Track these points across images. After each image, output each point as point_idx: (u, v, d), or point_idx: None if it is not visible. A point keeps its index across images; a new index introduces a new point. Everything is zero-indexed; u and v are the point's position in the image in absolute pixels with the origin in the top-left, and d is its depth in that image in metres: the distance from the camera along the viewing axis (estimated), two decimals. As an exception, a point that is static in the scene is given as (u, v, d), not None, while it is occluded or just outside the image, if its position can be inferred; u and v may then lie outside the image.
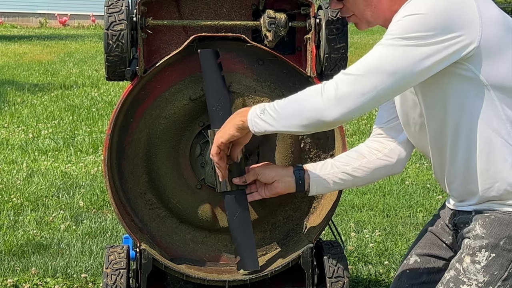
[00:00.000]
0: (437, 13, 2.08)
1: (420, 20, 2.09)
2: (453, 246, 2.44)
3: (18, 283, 3.95)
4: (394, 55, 2.11)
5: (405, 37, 2.10)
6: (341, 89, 2.17)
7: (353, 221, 5.05)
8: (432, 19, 2.08)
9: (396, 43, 2.11)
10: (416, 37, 2.09)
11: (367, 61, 2.16)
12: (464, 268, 2.25)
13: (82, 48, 16.60)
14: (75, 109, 9.12)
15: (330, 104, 2.17)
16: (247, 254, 2.91)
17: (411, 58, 2.10)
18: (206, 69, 2.85)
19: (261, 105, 2.35)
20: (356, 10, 2.27)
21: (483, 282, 2.22)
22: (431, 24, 2.08)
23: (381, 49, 2.14)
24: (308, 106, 2.21)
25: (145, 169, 3.00)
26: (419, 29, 2.09)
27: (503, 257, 2.22)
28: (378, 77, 2.12)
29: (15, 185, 5.79)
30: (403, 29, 2.10)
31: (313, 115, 2.21)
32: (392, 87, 2.14)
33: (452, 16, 2.09)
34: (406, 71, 2.11)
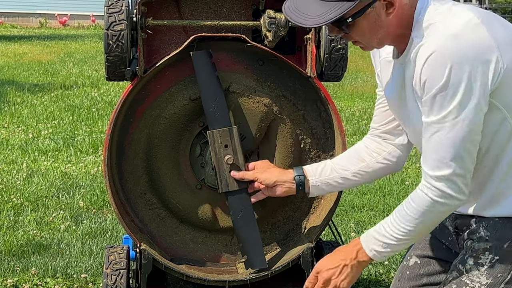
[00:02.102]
0: (461, 61, 2.06)
1: (451, 81, 2.06)
2: (453, 247, 2.44)
3: (18, 283, 3.95)
4: (458, 125, 2.10)
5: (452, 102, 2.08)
6: (458, 186, 2.16)
7: (353, 221, 5.05)
8: (460, 74, 2.06)
9: (452, 113, 2.09)
10: (461, 94, 2.07)
11: (446, 148, 2.13)
12: (467, 270, 2.24)
13: (82, 48, 16.59)
14: (75, 109, 9.11)
15: (458, 198, 2.18)
16: (254, 253, 2.91)
17: (474, 109, 2.09)
18: (200, 71, 2.86)
19: (376, 240, 2.28)
20: (362, 39, 2.21)
21: (486, 284, 2.22)
22: (463, 77, 2.06)
23: (444, 129, 2.11)
24: (440, 214, 2.22)
25: (145, 169, 3.00)
26: (456, 86, 2.06)
27: (506, 259, 2.21)
28: (465, 147, 2.12)
29: (15, 185, 5.79)
30: (444, 98, 2.08)
31: (449, 211, 2.25)
32: (478, 137, 2.15)
33: (475, 57, 2.06)
34: (478, 121, 2.12)
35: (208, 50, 2.87)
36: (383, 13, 2.15)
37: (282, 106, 2.97)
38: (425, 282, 2.48)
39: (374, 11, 2.13)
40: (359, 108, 9.56)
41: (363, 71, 13.47)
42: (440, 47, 2.07)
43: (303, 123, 3.00)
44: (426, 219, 2.21)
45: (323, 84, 2.95)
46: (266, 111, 2.94)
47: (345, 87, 11.43)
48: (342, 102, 10.01)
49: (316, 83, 2.93)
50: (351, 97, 10.57)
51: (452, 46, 2.06)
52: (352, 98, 10.52)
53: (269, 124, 2.97)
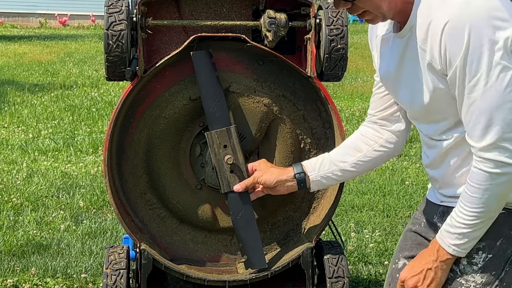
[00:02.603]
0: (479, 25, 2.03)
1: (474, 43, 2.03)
2: None
3: (18, 283, 3.95)
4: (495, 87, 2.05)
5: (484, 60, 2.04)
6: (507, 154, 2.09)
7: (353, 221, 5.05)
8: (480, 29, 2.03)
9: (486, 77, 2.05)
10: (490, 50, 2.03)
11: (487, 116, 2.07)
12: (461, 269, 2.24)
13: (82, 48, 16.60)
14: (75, 109, 9.11)
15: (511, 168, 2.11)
16: (254, 253, 2.91)
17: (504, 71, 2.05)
18: (200, 71, 2.86)
19: (449, 234, 2.20)
20: (371, 5, 2.18)
21: (481, 283, 2.22)
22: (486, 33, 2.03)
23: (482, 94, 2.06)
24: (506, 187, 2.13)
25: (145, 169, 3.00)
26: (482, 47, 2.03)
27: (499, 256, 2.21)
28: (505, 113, 2.06)
29: (15, 185, 5.79)
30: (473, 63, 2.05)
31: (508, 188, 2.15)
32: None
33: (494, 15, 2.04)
34: (510, 83, 2.06)
35: (208, 50, 2.87)
36: None
37: (282, 106, 2.97)
38: None
39: None
40: (359, 108, 9.56)
41: (363, 71, 13.47)
42: (453, 15, 2.06)
43: (303, 123, 3.01)
44: (492, 195, 2.12)
45: (323, 84, 2.95)
46: (266, 111, 2.95)
47: (345, 87, 11.43)
48: (342, 102, 10.01)
49: (316, 83, 2.93)
50: (351, 97, 10.57)
51: (466, 11, 2.05)
52: (352, 98, 10.52)
53: (269, 124, 2.97)
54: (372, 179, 6.10)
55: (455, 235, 2.19)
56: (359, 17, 2.26)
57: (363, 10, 2.21)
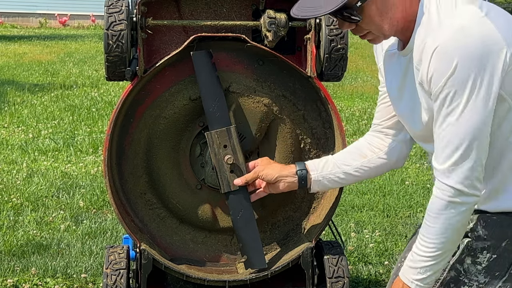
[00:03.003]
0: (468, 57, 2.05)
1: (459, 76, 2.05)
2: None
3: (18, 283, 3.95)
4: (469, 118, 2.08)
5: (461, 93, 2.07)
6: (465, 182, 2.12)
7: (353, 221, 5.05)
8: (468, 65, 2.05)
9: (461, 105, 2.08)
10: (472, 85, 2.06)
11: (454, 141, 2.10)
12: (465, 269, 2.25)
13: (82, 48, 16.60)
14: (75, 109, 9.11)
15: (472, 196, 2.13)
16: (253, 253, 2.91)
17: (482, 103, 2.07)
18: (200, 71, 2.86)
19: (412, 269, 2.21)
20: (373, 26, 2.20)
21: (484, 282, 2.22)
22: (472, 69, 2.05)
23: (457, 120, 2.09)
24: (461, 218, 2.15)
25: (145, 169, 3.00)
26: (465, 81, 2.06)
27: (504, 258, 2.22)
28: (478, 144, 2.10)
29: (15, 185, 5.79)
30: (453, 88, 2.07)
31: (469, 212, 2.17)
32: (488, 133, 2.12)
33: (483, 48, 2.06)
34: (485, 118, 2.09)
35: (209, 50, 2.87)
36: None
37: (282, 106, 2.97)
38: None
39: None
40: (359, 108, 9.56)
41: (363, 71, 13.47)
42: (446, 41, 2.07)
43: (303, 123, 3.00)
44: (451, 224, 2.14)
45: (323, 84, 2.95)
46: (266, 111, 2.95)
47: (345, 87, 11.43)
48: (342, 102, 10.01)
49: (316, 83, 2.93)
50: (351, 97, 10.57)
51: (459, 40, 2.06)
52: (352, 98, 10.52)
53: (269, 124, 2.97)
54: (372, 179, 6.10)
55: (417, 270, 2.21)
56: (361, 38, 2.28)
57: (367, 31, 2.23)
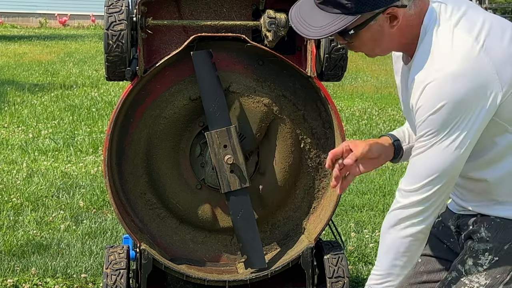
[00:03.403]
0: (456, 99, 2.07)
1: (443, 115, 2.07)
2: (455, 247, 2.44)
3: (18, 283, 3.94)
4: (439, 154, 2.11)
5: (437, 135, 2.10)
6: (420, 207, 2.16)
7: (353, 221, 5.05)
8: (454, 108, 2.07)
9: (434, 143, 2.11)
10: (451, 129, 2.08)
11: (421, 170, 2.15)
12: (466, 270, 2.25)
13: (82, 48, 16.59)
14: (75, 109, 9.11)
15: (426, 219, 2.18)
16: (253, 253, 2.91)
17: (455, 147, 2.11)
18: (200, 70, 2.86)
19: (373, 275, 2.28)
20: (365, 48, 2.21)
21: (484, 285, 2.22)
22: (456, 112, 2.07)
23: (426, 153, 2.13)
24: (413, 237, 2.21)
25: (145, 169, 3.00)
26: (446, 123, 2.08)
27: (506, 261, 2.22)
28: (442, 181, 2.14)
29: (15, 185, 5.79)
30: (431, 129, 2.10)
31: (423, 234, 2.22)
32: (454, 178, 2.17)
33: (473, 92, 2.07)
34: (457, 159, 2.13)
35: (209, 50, 2.87)
36: (387, 25, 2.14)
37: (282, 106, 2.97)
38: (424, 279, 2.49)
39: (377, 24, 2.13)
40: (359, 108, 9.56)
41: (363, 71, 13.47)
42: (438, 80, 2.08)
43: (303, 123, 3.00)
44: (404, 244, 2.20)
45: (323, 84, 2.95)
46: (266, 111, 2.95)
47: (345, 87, 11.43)
48: (342, 102, 10.01)
49: (316, 83, 2.93)
50: (351, 97, 10.57)
51: (450, 86, 2.07)
52: (352, 98, 10.52)
53: (269, 124, 2.97)
54: (372, 179, 6.10)
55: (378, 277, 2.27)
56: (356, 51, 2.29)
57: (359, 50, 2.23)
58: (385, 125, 8.22)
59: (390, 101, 10.14)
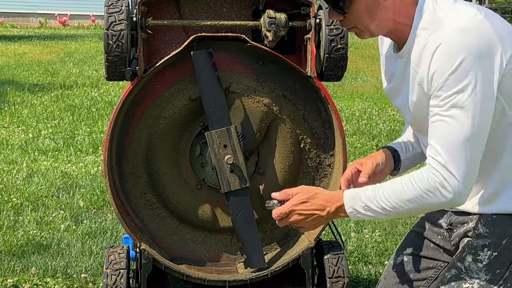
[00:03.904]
0: (471, 55, 2.07)
1: (462, 73, 2.07)
2: (444, 245, 2.45)
3: (18, 283, 3.94)
4: (469, 116, 2.09)
5: (462, 94, 2.09)
6: (461, 184, 2.12)
7: (353, 221, 5.05)
8: (471, 63, 2.07)
9: (461, 105, 2.09)
10: (471, 87, 2.08)
11: (455, 140, 2.11)
12: (466, 266, 2.25)
13: (82, 48, 16.60)
14: (75, 109, 9.11)
15: (459, 197, 2.14)
16: (253, 253, 2.91)
17: (482, 104, 2.09)
18: (200, 70, 2.86)
19: (360, 201, 2.24)
20: (359, 22, 2.23)
21: (485, 280, 2.23)
22: (474, 68, 2.07)
23: (455, 120, 2.11)
24: (431, 205, 2.18)
25: (145, 169, 3.00)
26: (468, 79, 2.08)
27: (505, 256, 2.22)
28: (473, 142, 2.11)
29: (15, 185, 5.79)
30: (454, 89, 2.09)
31: (440, 207, 2.21)
32: (485, 136, 2.14)
33: (483, 48, 2.08)
34: (486, 117, 2.12)
35: (209, 50, 2.87)
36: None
37: (282, 106, 2.97)
38: (411, 277, 2.49)
39: None
40: (359, 108, 9.56)
41: (363, 71, 13.47)
42: (449, 40, 2.09)
43: (303, 123, 3.01)
44: (418, 205, 2.16)
45: (323, 84, 2.96)
46: (266, 111, 2.95)
47: (345, 87, 11.43)
48: (342, 102, 10.01)
49: (316, 83, 2.93)
50: (351, 97, 10.57)
51: (462, 39, 2.08)
52: (352, 98, 10.52)
53: (269, 124, 2.97)
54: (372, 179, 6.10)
55: (363, 205, 2.22)
56: (349, 30, 2.30)
57: (353, 26, 2.25)
58: (385, 125, 8.22)
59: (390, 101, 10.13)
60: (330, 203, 2.27)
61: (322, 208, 2.28)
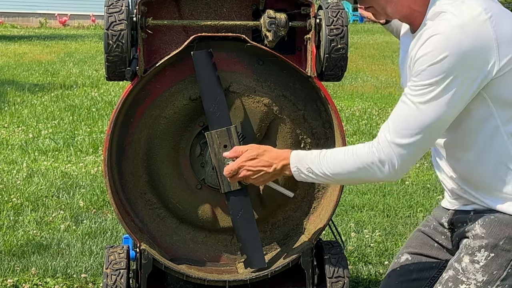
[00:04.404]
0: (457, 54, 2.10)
1: (442, 67, 2.11)
2: (447, 245, 2.45)
3: (18, 283, 3.95)
4: (432, 109, 2.15)
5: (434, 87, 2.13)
6: (398, 162, 2.22)
7: (353, 221, 5.05)
8: (454, 62, 2.11)
9: (429, 97, 2.14)
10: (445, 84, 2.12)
11: (410, 123, 2.18)
12: (463, 267, 2.25)
13: (82, 48, 16.60)
14: (75, 109, 9.11)
15: (392, 175, 2.24)
16: (253, 253, 2.91)
17: (448, 104, 2.14)
18: (200, 70, 2.86)
19: (305, 162, 2.36)
20: (376, 3, 2.29)
21: (482, 281, 2.23)
22: (455, 67, 2.11)
23: (418, 107, 2.16)
24: (366, 177, 2.29)
25: (145, 169, 3.00)
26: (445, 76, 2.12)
27: (502, 257, 2.22)
28: (426, 133, 2.18)
29: (15, 185, 5.79)
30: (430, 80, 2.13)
31: (373, 181, 2.33)
32: (439, 133, 2.21)
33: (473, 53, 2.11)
34: (447, 116, 2.17)
35: (209, 50, 2.87)
36: None
37: (282, 106, 2.97)
38: (414, 277, 2.50)
39: None
40: (359, 108, 9.56)
41: (363, 71, 13.47)
42: (444, 32, 2.13)
43: (303, 123, 3.01)
44: (355, 175, 2.27)
45: (323, 84, 2.96)
46: (266, 111, 2.95)
47: (345, 87, 11.43)
48: (342, 102, 10.01)
49: (316, 83, 2.93)
50: (351, 97, 10.57)
51: (456, 35, 2.12)
52: (352, 98, 10.52)
53: (269, 124, 2.97)
54: (372, 179, 6.10)
55: (307, 166, 2.35)
56: (365, 10, 2.34)
57: (370, 5, 2.31)
58: (385, 125, 8.21)
59: (390, 101, 10.14)
60: (277, 160, 2.43)
61: (269, 165, 2.45)
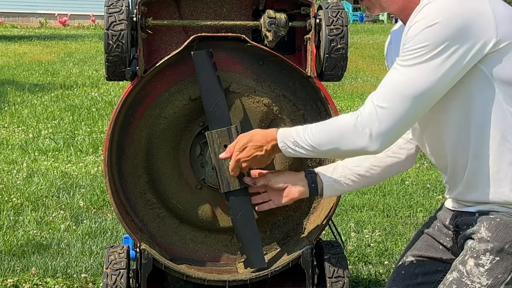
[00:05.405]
0: (452, 21, 2.09)
1: (435, 32, 2.10)
2: (452, 247, 2.44)
3: (18, 283, 3.95)
4: (421, 75, 2.13)
5: (425, 52, 2.11)
6: (378, 125, 2.19)
7: (353, 221, 5.05)
8: (448, 28, 2.09)
9: (419, 60, 2.12)
10: (437, 51, 2.10)
11: (397, 88, 2.16)
12: (468, 270, 2.24)
13: (82, 48, 16.61)
14: (75, 109, 9.12)
15: (371, 142, 2.21)
16: (253, 253, 2.91)
17: (437, 73, 2.12)
18: (200, 70, 2.86)
19: (290, 136, 2.41)
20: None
21: (486, 285, 2.22)
22: (448, 34, 2.09)
23: (407, 71, 2.14)
24: (347, 144, 2.26)
25: (145, 169, 3.00)
26: (437, 41, 2.10)
27: (507, 260, 2.21)
28: (412, 102, 2.15)
29: (15, 185, 5.79)
30: (421, 44, 2.11)
31: (354, 152, 2.30)
32: (425, 105, 2.18)
33: (468, 23, 2.10)
34: (436, 87, 2.14)
35: (209, 50, 2.87)
36: None
37: (282, 106, 2.97)
38: (420, 281, 2.49)
39: None
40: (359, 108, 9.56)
41: (363, 71, 13.48)
42: (439, 2, 2.13)
43: (303, 123, 3.00)
44: (336, 144, 2.28)
45: (323, 84, 2.96)
46: (266, 111, 2.95)
47: (345, 87, 11.43)
48: (342, 102, 10.01)
49: (316, 83, 2.93)
50: (351, 97, 10.57)
51: (451, 6, 2.11)
52: (352, 98, 10.53)
53: (269, 124, 2.97)
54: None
55: (292, 141, 2.40)
56: (359, 3, 2.34)
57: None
58: (385, 125, 8.21)
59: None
60: (265, 142, 2.50)
61: (260, 148, 2.52)
